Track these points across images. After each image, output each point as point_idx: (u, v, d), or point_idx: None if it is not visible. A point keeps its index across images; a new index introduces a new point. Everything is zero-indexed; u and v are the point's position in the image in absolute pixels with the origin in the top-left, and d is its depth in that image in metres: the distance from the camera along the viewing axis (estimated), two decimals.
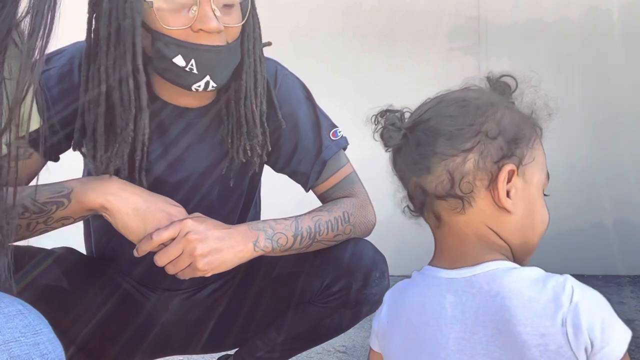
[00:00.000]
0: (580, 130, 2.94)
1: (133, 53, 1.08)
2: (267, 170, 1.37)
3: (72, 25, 1.06)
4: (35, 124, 0.75)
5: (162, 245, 1.10)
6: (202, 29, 1.07)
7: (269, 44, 1.26)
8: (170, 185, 1.24)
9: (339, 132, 1.33)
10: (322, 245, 1.23)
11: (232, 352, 1.42)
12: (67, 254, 1.28)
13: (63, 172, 1.17)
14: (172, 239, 1.09)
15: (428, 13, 3.13)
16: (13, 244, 0.75)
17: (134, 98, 1.09)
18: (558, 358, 0.70)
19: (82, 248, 1.40)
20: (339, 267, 1.23)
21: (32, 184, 1.15)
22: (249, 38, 1.17)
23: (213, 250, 1.09)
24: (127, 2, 1.06)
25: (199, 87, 1.12)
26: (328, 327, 1.29)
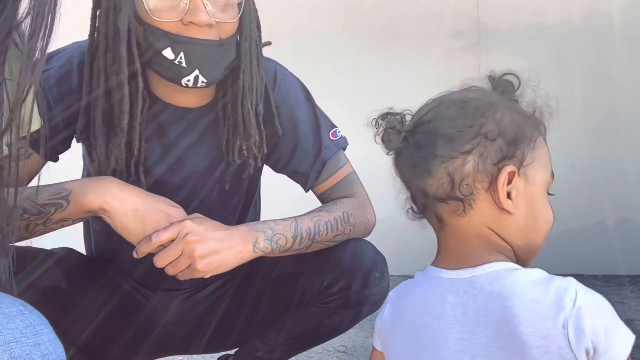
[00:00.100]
0: (580, 130, 2.94)
1: (128, 48, 1.09)
2: (267, 171, 1.37)
3: (72, 26, 1.07)
4: (36, 125, 0.75)
5: (161, 247, 1.09)
6: (192, 22, 1.07)
7: (269, 44, 1.26)
8: (170, 186, 1.24)
9: (339, 132, 1.33)
10: (322, 246, 1.23)
11: (232, 352, 1.42)
12: (67, 255, 1.28)
13: (63, 172, 1.17)
14: (171, 241, 1.09)
15: (428, 13, 3.13)
16: (14, 245, 0.75)
17: (130, 90, 1.11)
18: None
19: (82, 248, 1.40)
20: (339, 267, 1.23)
21: (32, 185, 1.15)
22: (247, 37, 1.17)
23: (212, 252, 1.09)
24: None
25: (189, 81, 1.11)
26: (328, 327, 1.29)
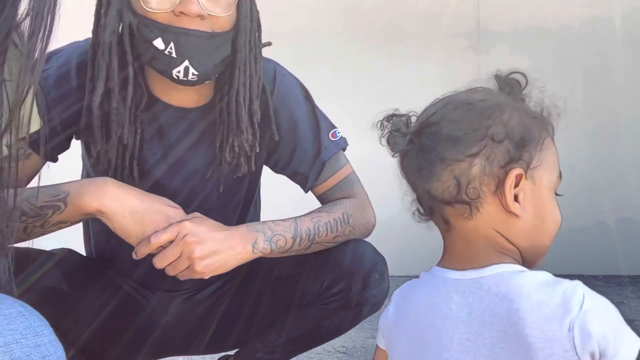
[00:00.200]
0: (580, 132, 2.94)
1: (131, 42, 1.10)
2: (267, 171, 1.37)
3: (72, 27, 1.07)
4: (36, 125, 0.75)
5: (160, 248, 1.09)
6: (183, 12, 1.07)
7: (269, 44, 1.25)
8: (170, 187, 1.24)
9: (338, 132, 1.33)
10: (321, 247, 1.22)
11: (232, 352, 1.42)
12: (67, 256, 1.28)
13: (63, 172, 1.17)
14: (170, 241, 1.09)
15: (428, 13, 3.13)
16: (13, 246, 0.74)
17: (129, 85, 1.12)
18: None
19: (81, 249, 1.40)
20: (339, 268, 1.23)
21: (31, 186, 1.15)
22: (242, 34, 1.16)
23: (211, 253, 1.09)
24: None
25: (179, 72, 1.10)
26: (328, 328, 1.28)
